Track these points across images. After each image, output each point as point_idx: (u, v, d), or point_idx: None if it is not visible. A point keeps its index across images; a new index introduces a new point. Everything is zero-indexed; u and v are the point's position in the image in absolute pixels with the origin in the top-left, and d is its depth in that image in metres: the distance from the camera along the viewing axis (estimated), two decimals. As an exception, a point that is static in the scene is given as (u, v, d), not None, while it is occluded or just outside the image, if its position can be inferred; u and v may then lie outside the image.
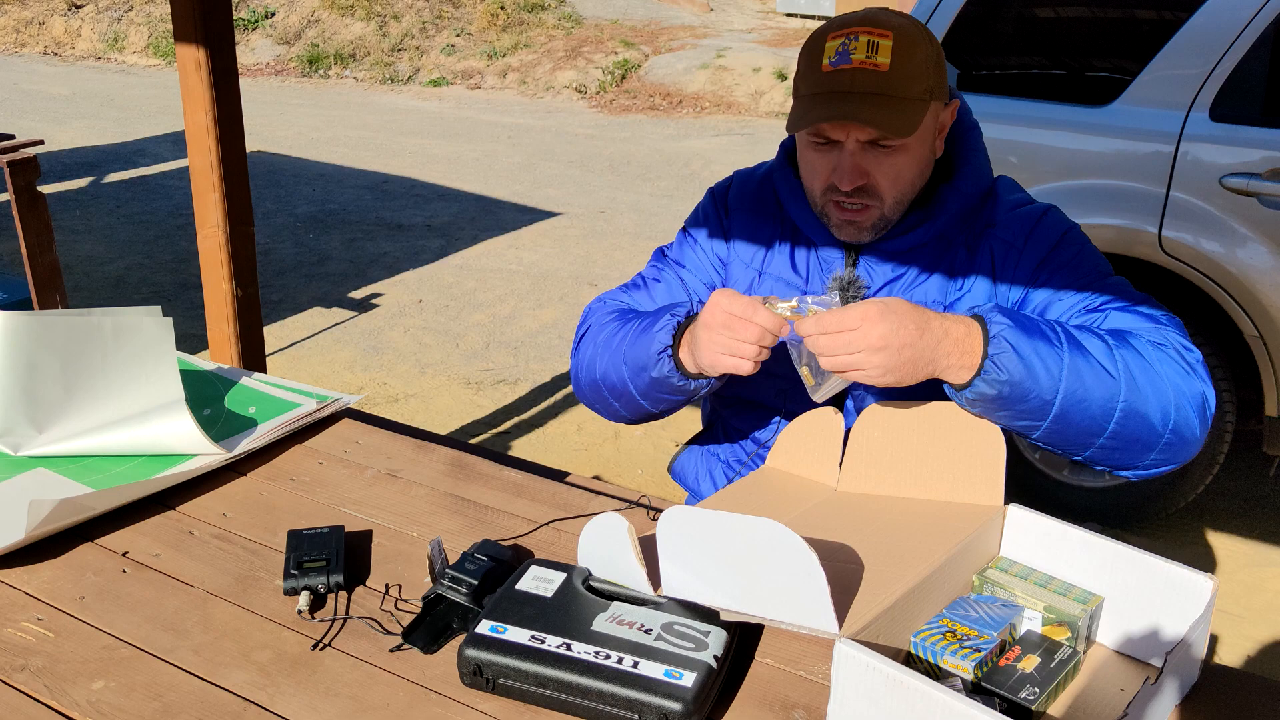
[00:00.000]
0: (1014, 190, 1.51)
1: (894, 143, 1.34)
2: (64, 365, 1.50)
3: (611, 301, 1.61)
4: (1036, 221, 1.44)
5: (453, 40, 11.81)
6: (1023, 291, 1.43)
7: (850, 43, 1.32)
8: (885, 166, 1.36)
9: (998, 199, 1.48)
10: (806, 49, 1.38)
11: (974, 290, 1.44)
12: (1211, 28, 2.91)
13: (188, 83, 2.35)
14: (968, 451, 1.25)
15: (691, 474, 1.71)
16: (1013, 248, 1.43)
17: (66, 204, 6.55)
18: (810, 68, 1.35)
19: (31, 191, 3.49)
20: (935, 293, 1.45)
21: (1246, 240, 2.84)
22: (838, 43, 1.33)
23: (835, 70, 1.32)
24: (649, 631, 1.05)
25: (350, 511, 1.39)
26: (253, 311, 2.58)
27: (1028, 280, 1.42)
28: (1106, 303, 1.37)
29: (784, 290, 1.51)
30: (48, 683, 1.06)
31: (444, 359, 4.49)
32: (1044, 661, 1.05)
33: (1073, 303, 1.38)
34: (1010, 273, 1.43)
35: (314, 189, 7.09)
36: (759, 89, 10.15)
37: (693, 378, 1.36)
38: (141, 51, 12.29)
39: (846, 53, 1.32)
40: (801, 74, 1.37)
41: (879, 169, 1.36)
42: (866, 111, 1.30)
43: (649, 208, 6.84)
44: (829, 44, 1.33)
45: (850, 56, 1.31)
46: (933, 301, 1.45)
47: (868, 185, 1.36)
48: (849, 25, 1.33)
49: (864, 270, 1.46)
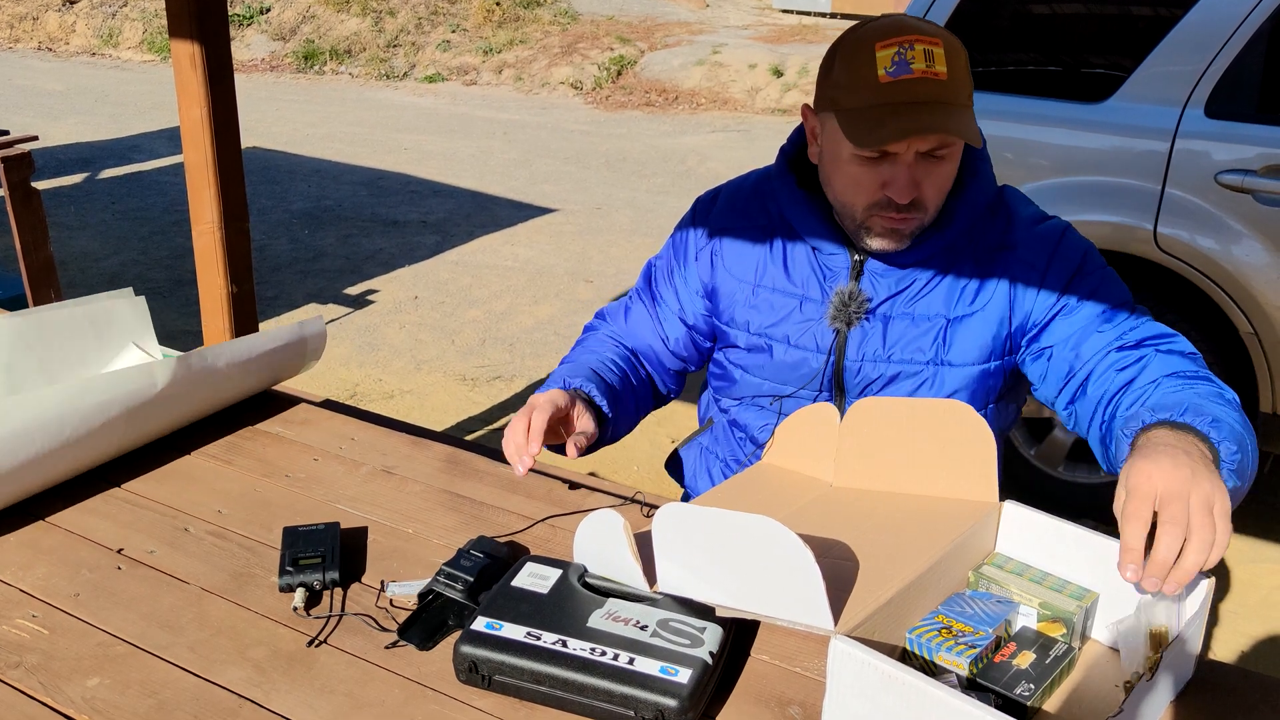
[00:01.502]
0: (1025, 204, 1.49)
1: (946, 152, 1.32)
2: (42, 362, 1.49)
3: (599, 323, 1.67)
4: (1057, 244, 1.42)
5: (448, 36, 11.79)
6: (1045, 317, 1.41)
7: (907, 51, 1.27)
8: (934, 176, 1.34)
9: (1012, 215, 1.45)
10: (847, 59, 1.32)
11: (985, 311, 1.42)
12: (1207, 24, 2.91)
13: (182, 78, 2.34)
14: (959, 447, 1.25)
15: (689, 471, 1.71)
16: (1034, 270, 1.41)
17: (61, 200, 6.53)
18: (860, 78, 1.30)
19: (26, 187, 3.48)
20: (940, 306, 1.43)
21: (1242, 237, 2.84)
22: (891, 52, 1.28)
23: (896, 81, 1.27)
24: (645, 628, 1.05)
25: (346, 508, 1.39)
26: (248, 308, 2.57)
27: (1050, 307, 1.40)
28: (1144, 341, 1.36)
29: (780, 301, 1.49)
30: (43, 680, 1.06)
31: (439, 355, 4.49)
32: (1039, 658, 1.05)
33: (1107, 341, 1.36)
34: (1031, 298, 1.41)
35: (309, 185, 7.08)
36: (755, 85, 10.15)
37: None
38: (136, 47, 12.26)
39: (905, 62, 1.27)
40: (847, 86, 1.32)
41: (929, 179, 1.33)
42: (949, 122, 1.27)
43: (645, 204, 6.84)
44: (880, 53, 1.28)
45: (910, 66, 1.27)
46: (936, 315, 1.43)
47: (917, 197, 1.34)
48: (898, 34, 1.29)
49: (868, 282, 1.44)
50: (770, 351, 1.50)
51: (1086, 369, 1.37)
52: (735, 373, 1.56)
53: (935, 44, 1.28)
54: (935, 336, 1.43)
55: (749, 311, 1.51)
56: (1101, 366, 1.36)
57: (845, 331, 1.45)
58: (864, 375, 1.46)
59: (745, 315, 1.52)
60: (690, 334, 1.60)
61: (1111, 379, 1.34)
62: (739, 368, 1.55)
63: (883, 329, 1.44)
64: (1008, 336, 1.44)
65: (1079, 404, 1.39)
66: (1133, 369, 1.33)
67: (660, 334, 1.61)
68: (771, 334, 1.50)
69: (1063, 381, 1.40)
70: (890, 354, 1.44)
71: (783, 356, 1.49)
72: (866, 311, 1.44)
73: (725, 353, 1.58)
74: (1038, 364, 1.43)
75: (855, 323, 1.44)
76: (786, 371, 1.50)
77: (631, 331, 1.63)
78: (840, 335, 1.46)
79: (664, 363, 1.63)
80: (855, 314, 1.44)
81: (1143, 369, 1.32)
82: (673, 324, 1.60)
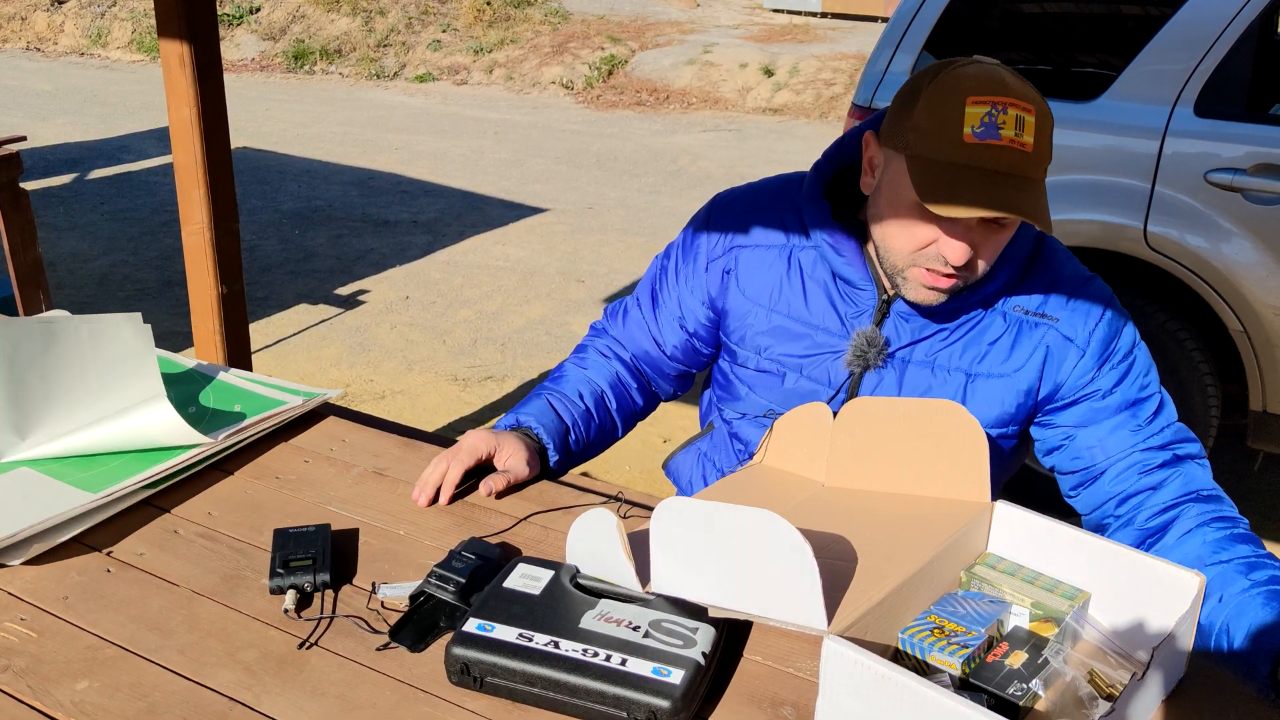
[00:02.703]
0: (1065, 259, 1.43)
1: (1009, 220, 1.28)
2: (43, 372, 1.49)
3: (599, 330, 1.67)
4: (1099, 321, 1.39)
5: (439, 36, 11.78)
6: (1073, 395, 1.39)
7: (999, 114, 1.21)
8: (992, 243, 1.30)
9: (1055, 278, 1.41)
10: (934, 104, 1.25)
11: (1014, 378, 1.40)
12: (1196, 23, 2.92)
13: (172, 78, 2.34)
14: (952, 448, 1.25)
15: (685, 475, 1.70)
16: (1072, 346, 1.38)
17: (50, 201, 6.51)
18: (944, 130, 1.23)
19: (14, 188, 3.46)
20: (961, 359, 1.41)
21: (1231, 235, 2.85)
22: (982, 110, 1.22)
23: (981, 144, 1.21)
24: (637, 629, 1.05)
25: (336, 510, 1.38)
26: (238, 308, 2.57)
27: (1081, 388, 1.39)
28: (1169, 444, 1.36)
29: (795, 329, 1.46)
30: (31, 683, 1.05)
31: (431, 355, 4.48)
32: (1031, 657, 1.05)
33: (1134, 442, 1.36)
34: (1065, 373, 1.39)
35: (299, 185, 7.07)
36: (746, 84, 10.15)
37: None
38: (125, 47, 12.22)
39: (994, 126, 1.21)
40: (928, 133, 1.25)
41: (985, 244, 1.30)
42: (1023, 201, 1.22)
43: (636, 203, 6.83)
44: (970, 109, 1.22)
45: (999, 131, 1.21)
46: (956, 368, 1.41)
47: (970, 259, 1.30)
48: (994, 92, 1.22)
49: (892, 325, 1.41)
50: (782, 379, 1.48)
51: (1108, 463, 1.37)
52: (740, 389, 1.54)
53: (1029, 111, 1.23)
54: (953, 390, 1.41)
55: (761, 336, 1.49)
56: (1123, 465, 1.36)
57: (860, 374, 1.44)
58: None
59: (757, 339, 1.49)
60: (690, 341, 1.58)
61: (1132, 480, 1.35)
62: (745, 385, 1.53)
63: (899, 376, 1.43)
64: (1034, 406, 1.43)
65: (1088, 489, 1.40)
66: (1156, 475, 1.34)
67: (657, 339, 1.60)
68: (784, 362, 1.48)
69: (1079, 467, 1.40)
70: None
71: (793, 386, 1.48)
72: (887, 358, 1.42)
73: (733, 368, 1.55)
74: (1053, 437, 1.43)
75: (873, 368, 1.43)
76: (795, 399, 1.48)
77: (629, 336, 1.63)
78: (855, 376, 1.44)
79: (662, 368, 1.63)
80: (874, 360, 1.42)
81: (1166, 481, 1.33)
82: (671, 330, 1.59)
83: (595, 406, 1.57)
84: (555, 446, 1.49)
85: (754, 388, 1.52)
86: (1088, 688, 1.00)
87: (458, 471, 1.39)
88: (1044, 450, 1.45)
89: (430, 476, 1.39)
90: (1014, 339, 1.40)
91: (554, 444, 1.49)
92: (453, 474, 1.39)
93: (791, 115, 9.66)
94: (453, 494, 1.39)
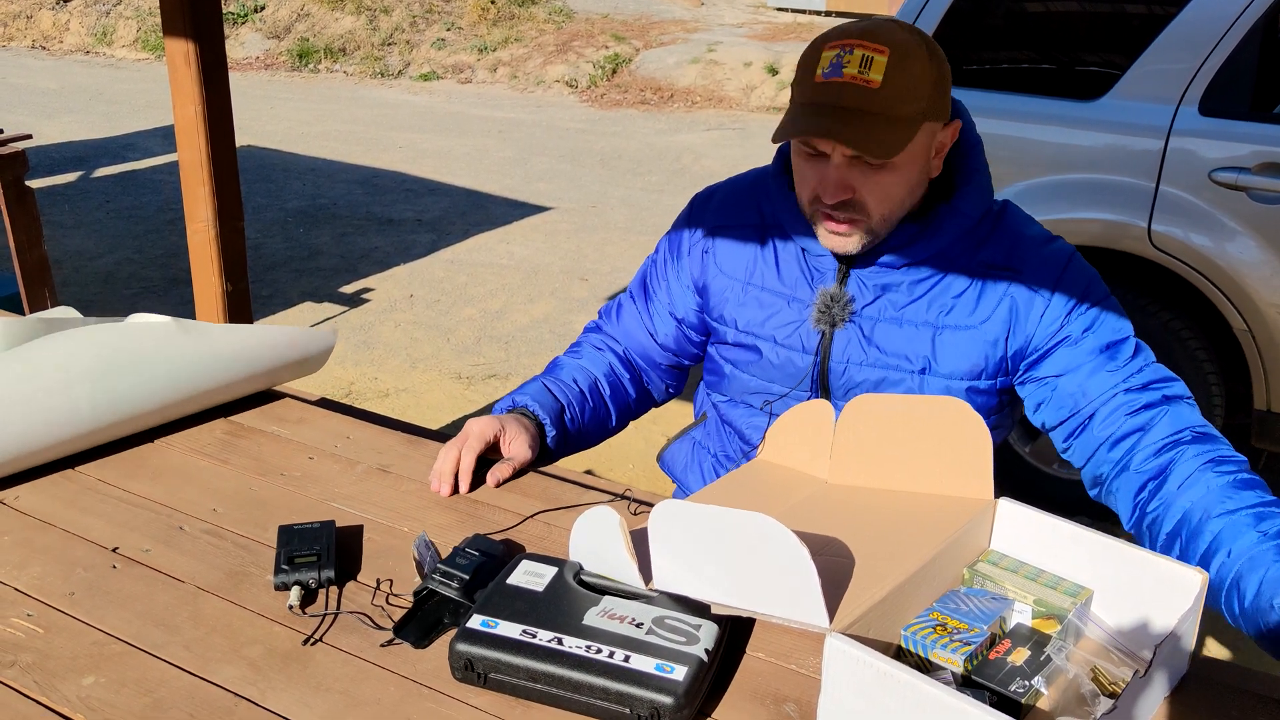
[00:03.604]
0: (1029, 223, 1.47)
1: (880, 160, 1.31)
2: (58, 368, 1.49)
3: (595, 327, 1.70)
4: (1063, 269, 1.41)
5: (443, 34, 11.78)
6: (1046, 344, 1.40)
7: (845, 55, 1.28)
8: (871, 184, 1.34)
9: (1017, 236, 1.44)
10: (805, 55, 1.35)
11: (981, 329, 1.41)
12: (1201, 22, 2.91)
13: (177, 77, 2.34)
14: (955, 444, 1.25)
15: (680, 465, 1.72)
16: (1038, 295, 1.40)
17: (55, 199, 6.52)
18: (804, 76, 1.33)
19: (19, 186, 3.48)
20: (927, 313, 1.43)
21: (1235, 234, 2.85)
22: (833, 54, 1.29)
23: (825, 82, 1.29)
24: (640, 625, 1.05)
25: (341, 506, 1.39)
26: (243, 307, 2.57)
27: (1053, 335, 1.40)
28: (1150, 385, 1.36)
29: (769, 299, 1.50)
30: (38, 679, 1.05)
31: (435, 354, 4.48)
32: (1034, 654, 1.05)
33: (1115, 382, 1.36)
34: (1033, 323, 1.40)
35: (304, 184, 7.07)
36: (750, 83, 10.15)
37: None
38: (130, 45, 12.23)
39: (839, 65, 1.28)
40: (797, 80, 1.35)
41: (865, 185, 1.34)
42: (848, 130, 1.27)
43: (640, 202, 6.83)
44: (825, 53, 1.30)
45: (842, 70, 1.28)
46: (923, 322, 1.43)
47: (854, 200, 1.34)
48: (847, 36, 1.30)
49: (854, 285, 1.45)
50: (759, 350, 1.51)
51: (1092, 407, 1.37)
52: (725, 368, 1.58)
53: (880, 52, 1.27)
54: (923, 344, 1.43)
55: (738, 309, 1.53)
56: (1109, 408, 1.36)
57: (830, 333, 1.46)
58: (849, 378, 1.46)
59: (734, 313, 1.53)
60: (680, 328, 1.61)
61: (1120, 422, 1.35)
62: (729, 363, 1.57)
63: (867, 332, 1.45)
64: (1003, 358, 1.43)
65: (1079, 438, 1.39)
66: (1143, 415, 1.34)
67: (650, 329, 1.63)
68: (759, 333, 1.51)
69: (1065, 415, 1.40)
70: (874, 358, 1.45)
71: (770, 356, 1.51)
72: (851, 314, 1.45)
73: (717, 348, 1.59)
74: (1038, 391, 1.43)
75: (840, 324, 1.45)
76: (774, 371, 1.51)
77: (623, 329, 1.66)
78: (825, 336, 1.46)
79: (655, 359, 1.65)
80: (839, 316, 1.44)
81: (1155, 420, 1.33)
82: (663, 319, 1.62)
83: (590, 391, 1.61)
84: (552, 422, 1.52)
85: (737, 364, 1.55)
86: (1090, 685, 1.00)
87: (470, 458, 1.41)
88: (1033, 408, 1.45)
89: (444, 466, 1.41)
90: (979, 292, 1.42)
91: (550, 420, 1.52)
92: (466, 461, 1.41)
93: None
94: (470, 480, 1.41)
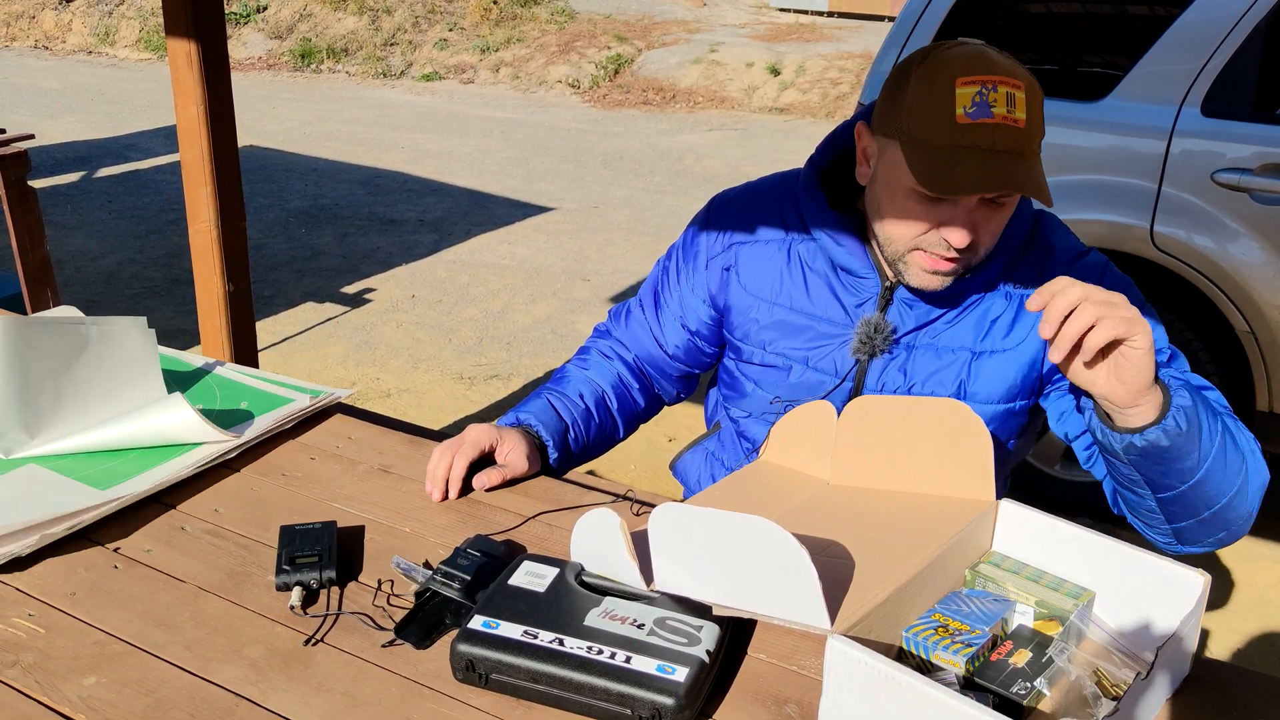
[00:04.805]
0: (1063, 234, 1.44)
1: (1008, 199, 1.28)
2: (53, 370, 1.50)
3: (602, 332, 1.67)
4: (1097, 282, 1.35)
5: (445, 35, 11.78)
6: None
7: (990, 93, 1.21)
8: (992, 222, 1.30)
9: (1050, 249, 1.42)
10: (923, 87, 1.24)
11: (1017, 351, 1.40)
12: (1204, 23, 2.91)
13: (179, 77, 2.34)
14: (956, 446, 1.25)
15: (693, 474, 1.70)
16: None
17: (57, 199, 6.52)
18: (936, 113, 1.23)
19: (22, 186, 3.48)
20: (966, 339, 1.41)
21: (1238, 235, 2.84)
22: (973, 90, 1.21)
23: (976, 124, 1.21)
24: (641, 626, 1.05)
25: (343, 507, 1.39)
26: (245, 307, 2.57)
27: None
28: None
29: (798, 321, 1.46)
30: (39, 679, 1.05)
31: (436, 354, 4.48)
32: (1035, 656, 1.05)
33: None
34: None
35: (306, 184, 7.08)
36: (752, 84, 10.15)
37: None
38: (133, 45, 12.24)
39: (987, 105, 1.21)
40: (921, 117, 1.24)
41: (985, 225, 1.29)
42: (1021, 174, 1.22)
43: (642, 202, 6.83)
44: (960, 90, 1.22)
45: (991, 110, 1.21)
46: (961, 348, 1.41)
47: (972, 240, 1.29)
48: (982, 70, 1.22)
49: (896, 312, 1.42)
50: (788, 371, 1.49)
51: None
52: (747, 385, 1.54)
53: (1018, 87, 1.22)
54: (959, 370, 1.41)
55: (765, 331, 1.49)
56: None
57: (867, 361, 1.44)
58: None
59: (761, 334, 1.49)
60: (692, 340, 1.58)
61: None
62: (751, 381, 1.53)
63: (905, 360, 1.43)
64: (1038, 377, 1.42)
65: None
66: None
67: (659, 340, 1.60)
68: (789, 355, 1.48)
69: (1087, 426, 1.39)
70: (911, 386, 1.42)
71: (799, 378, 1.48)
72: (893, 343, 1.42)
73: (739, 365, 1.55)
74: (1061, 400, 1.42)
75: (879, 354, 1.43)
76: (801, 391, 1.48)
77: (632, 336, 1.63)
78: (861, 364, 1.44)
79: (665, 369, 1.62)
80: (880, 347, 1.42)
81: None
82: (673, 330, 1.59)
83: (596, 407, 1.58)
84: (555, 444, 1.50)
85: (760, 383, 1.52)
86: (1092, 687, 1.00)
87: (462, 465, 1.41)
88: (1056, 416, 1.44)
89: (437, 470, 1.40)
90: (1014, 315, 1.41)
91: (553, 442, 1.50)
92: (458, 468, 1.41)
93: (798, 114, 9.65)
94: (460, 487, 1.41)
